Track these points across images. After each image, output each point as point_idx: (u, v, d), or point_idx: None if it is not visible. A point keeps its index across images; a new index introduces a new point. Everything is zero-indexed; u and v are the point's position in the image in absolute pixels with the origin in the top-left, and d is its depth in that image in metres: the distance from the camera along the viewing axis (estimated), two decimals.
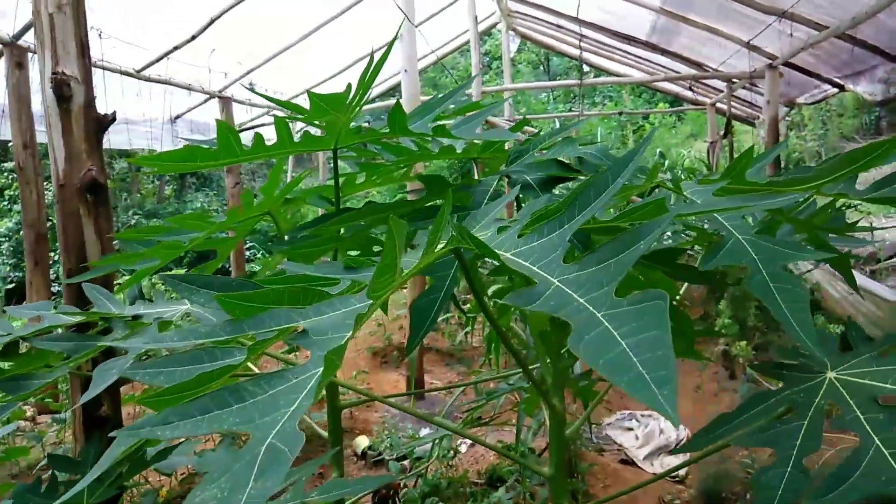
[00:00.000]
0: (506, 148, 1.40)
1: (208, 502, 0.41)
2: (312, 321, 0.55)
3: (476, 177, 1.43)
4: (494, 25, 8.66)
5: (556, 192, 1.11)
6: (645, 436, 3.73)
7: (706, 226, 1.19)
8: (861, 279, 4.81)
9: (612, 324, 0.48)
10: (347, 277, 0.64)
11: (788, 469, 0.80)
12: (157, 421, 0.46)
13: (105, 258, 1.56)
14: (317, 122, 1.07)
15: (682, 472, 3.39)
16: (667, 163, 9.74)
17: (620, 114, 10.91)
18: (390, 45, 1.03)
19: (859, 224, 1.30)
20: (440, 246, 0.66)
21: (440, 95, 1.14)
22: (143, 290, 1.47)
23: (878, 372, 0.89)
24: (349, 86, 0.91)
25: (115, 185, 12.60)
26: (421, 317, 1.02)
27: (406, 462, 3.47)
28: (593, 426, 3.96)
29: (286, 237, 1.20)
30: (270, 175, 1.35)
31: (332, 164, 1.32)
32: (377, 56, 1.00)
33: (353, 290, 0.62)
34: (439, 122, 1.14)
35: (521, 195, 1.08)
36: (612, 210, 1.20)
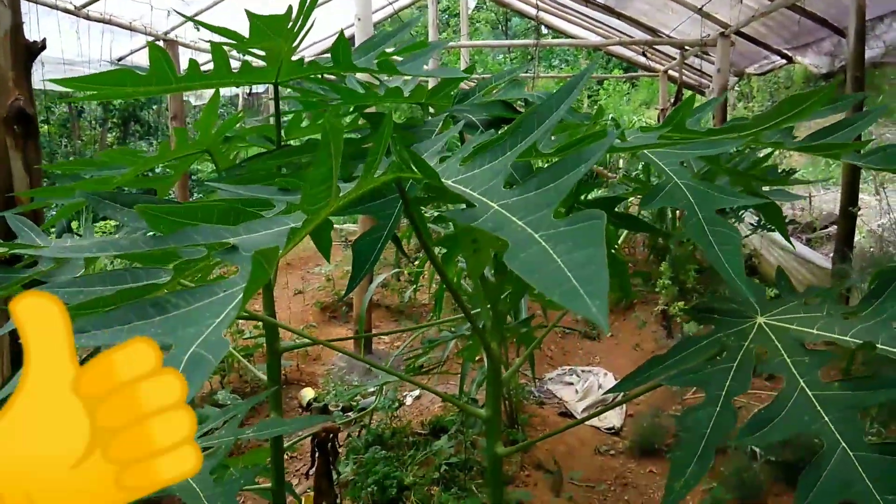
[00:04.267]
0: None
1: None
2: (243, 238, 0.53)
3: None
4: None
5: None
6: (584, 390, 3.84)
7: (654, 179, 1.20)
8: (798, 247, 5.00)
9: (549, 243, 0.47)
10: (282, 199, 0.62)
11: (717, 409, 0.83)
12: (74, 328, 0.44)
13: (33, 191, 1.49)
14: (256, 53, 1.02)
15: (617, 424, 3.52)
16: (619, 129, 9.82)
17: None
18: None
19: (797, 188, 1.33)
20: (380, 173, 0.64)
21: (386, 32, 1.11)
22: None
23: (804, 318, 0.92)
24: (290, 8, 0.87)
25: (53, 129, 11.99)
26: (362, 256, 1.01)
27: (351, 413, 3.49)
28: (536, 381, 4.05)
29: (222, 174, 1.15)
30: (205, 109, 1.30)
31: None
32: None
33: (288, 212, 0.60)
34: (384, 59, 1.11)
35: (464, 133, 1.07)
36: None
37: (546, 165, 0.58)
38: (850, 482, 0.69)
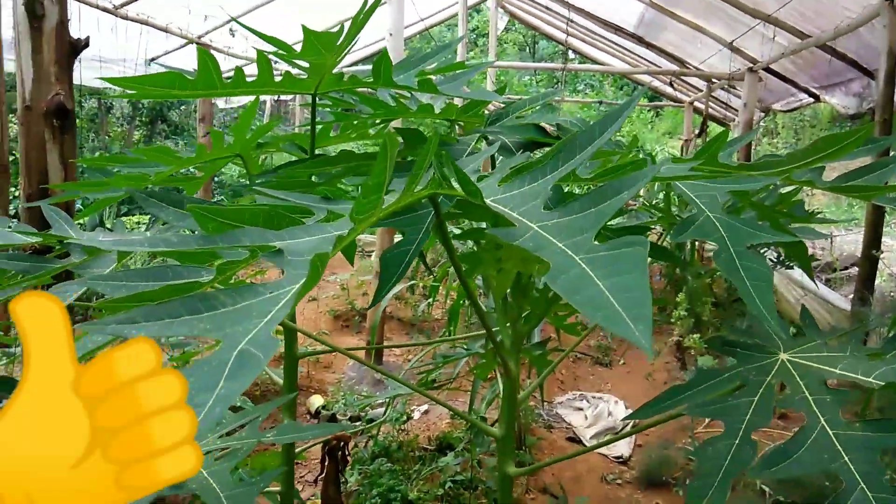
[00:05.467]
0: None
1: None
2: (288, 242, 0.55)
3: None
4: (484, 0, 8.58)
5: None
6: (594, 416, 3.82)
7: (674, 209, 1.20)
8: (817, 286, 4.96)
9: (590, 266, 0.48)
10: (323, 207, 0.64)
11: (736, 441, 0.83)
12: (123, 318, 0.45)
13: (67, 184, 1.52)
14: (299, 64, 1.05)
15: (625, 453, 3.49)
16: (659, 159, 9.85)
17: (600, 103, 10.96)
18: None
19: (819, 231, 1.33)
20: (419, 188, 0.66)
21: (426, 52, 1.13)
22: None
23: (827, 357, 0.92)
24: (342, 25, 0.89)
25: (82, 124, 12.21)
26: (390, 268, 1.02)
27: (359, 424, 3.50)
28: (545, 404, 4.03)
29: (254, 179, 1.18)
30: (242, 115, 1.33)
31: (307, 116, 1.31)
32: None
33: (328, 220, 0.62)
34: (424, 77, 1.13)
35: (497, 156, 1.08)
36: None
37: (583, 192, 0.59)
38: None
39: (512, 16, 8.95)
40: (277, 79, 1.10)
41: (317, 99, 1.29)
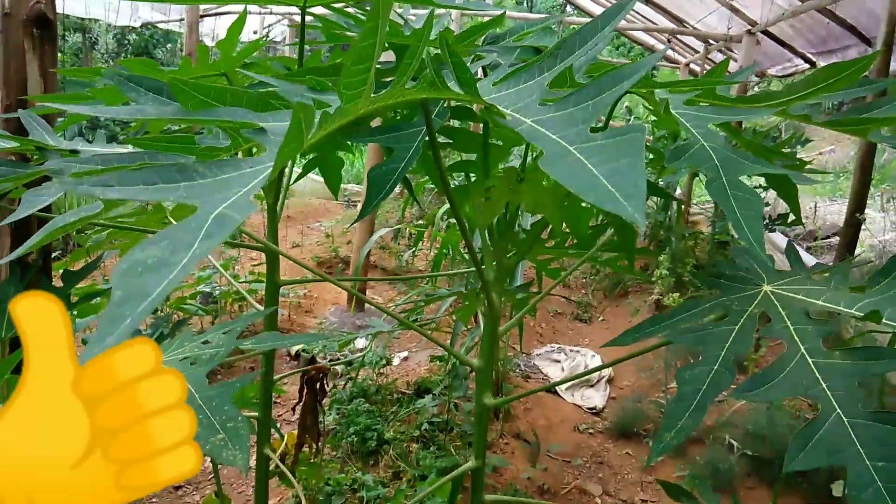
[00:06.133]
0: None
1: (146, 260, 0.39)
2: (272, 124, 0.52)
3: None
4: None
5: None
6: (570, 369, 3.87)
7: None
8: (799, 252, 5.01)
9: (584, 155, 0.47)
10: (310, 97, 0.61)
11: (715, 367, 0.83)
12: (96, 181, 0.43)
13: (47, 95, 1.47)
14: None
15: (599, 404, 3.55)
16: (632, 118, 9.79)
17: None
18: None
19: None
20: (410, 84, 0.63)
21: None
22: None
23: (811, 290, 0.92)
24: None
25: (66, 59, 11.85)
26: (377, 185, 1.00)
27: (339, 367, 3.52)
28: (523, 355, 4.08)
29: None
30: (230, 30, 1.28)
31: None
32: None
33: (317, 108, 0.59)
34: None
35: (490, 71, 1.05)
36: None
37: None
38: (841, 446, 0.69)
39: None
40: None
41: (306, 18, 1.25)
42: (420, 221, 4.89)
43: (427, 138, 0.92)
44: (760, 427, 2.95)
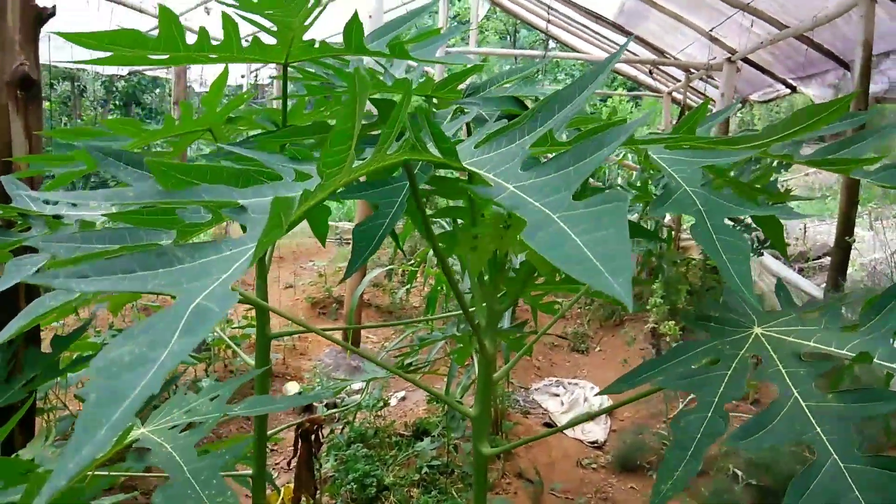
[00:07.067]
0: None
1: (122, 358, 0.39)
2: (252, 200, 0.52)
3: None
4: None
5: None
6: (569, 402, 3.83)
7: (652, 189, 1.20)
8: (790, 274, 5.03)
9: (568, 224, 0.47)
10: (292, 168, 0.61)
11: (709, 414, 0.82)
12: (71, 272, 0.43)
13: (31, 157, 1.47)
14: (266, 28, 1.01)
15: (601, 438, 3.51)
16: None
17: None
18: None
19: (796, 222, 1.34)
20: (393, 148, 0.63)
21: (401, 17, 1.10)
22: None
23: (801, 330, 0.92)
24: None
25: (54, 106, 11.96)
26: (362, 243, 1.00)
27: (335, 411, 3.48)
28: (521, 390, 4.04)
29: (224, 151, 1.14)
30: (213, 85, 1.29)
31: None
32: None
33: (298, 181, 0.59)
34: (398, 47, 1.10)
35: (473, 124, 1.06)
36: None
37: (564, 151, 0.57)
38: (839, 492, 0.68)
39: (493, 2, 8.90)
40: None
41: (288, 70, 1.26)
42: (412, 260, 4.89)
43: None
44: (763, 456, 2.92)
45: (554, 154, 0.62)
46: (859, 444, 0.72)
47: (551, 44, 10.15)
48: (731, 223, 1.01)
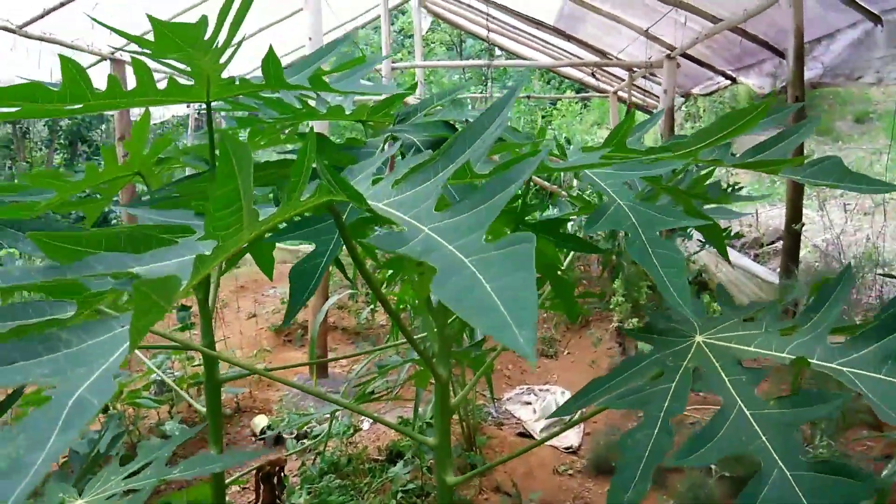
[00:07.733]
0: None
1: None
2: (149, 266, 0.50)
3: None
4: (406, 1, 8.55)
5: None
6: (542, 409, 3.83)
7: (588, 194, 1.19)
8: (745, 261, 5.13)
9: (478, 268, 0.45)
10: (200, 224, 0.59)
11: (655, 431, 0.82)
12: None
13: None
14: (183, 70, 0.98)
15: (574, 443, 3.51)
16: (570, 145, 10.02)
17: (528, 97, 11.10)
18: None
19: (746, 213, 1.35)
20: (306, 195, 0.61)
21: (322, 48, 1.08)
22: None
23: (743, 336, 0.92)
24: (204, 18, 0.82)
25: None
26: (302, 281, 0.97)
27: (306, 440, 3.40)
28: (495, 400, 4.03)
29: (145, 197, 1.11)
30: (135, 129, 1.25)
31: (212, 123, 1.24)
32: None
33: (206, 238, 0.57)
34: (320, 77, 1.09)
35: (403, 154, 1.05)
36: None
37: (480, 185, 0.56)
38: (788, 501, 0.68)
39: (435, 15, 8.95)
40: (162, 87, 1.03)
41: (212, 107, 1.23)
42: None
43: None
44: None
45: (472, 187, 0.61)
46: (802, 448, 0.72)
47: (497, 51, 10.24)
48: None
